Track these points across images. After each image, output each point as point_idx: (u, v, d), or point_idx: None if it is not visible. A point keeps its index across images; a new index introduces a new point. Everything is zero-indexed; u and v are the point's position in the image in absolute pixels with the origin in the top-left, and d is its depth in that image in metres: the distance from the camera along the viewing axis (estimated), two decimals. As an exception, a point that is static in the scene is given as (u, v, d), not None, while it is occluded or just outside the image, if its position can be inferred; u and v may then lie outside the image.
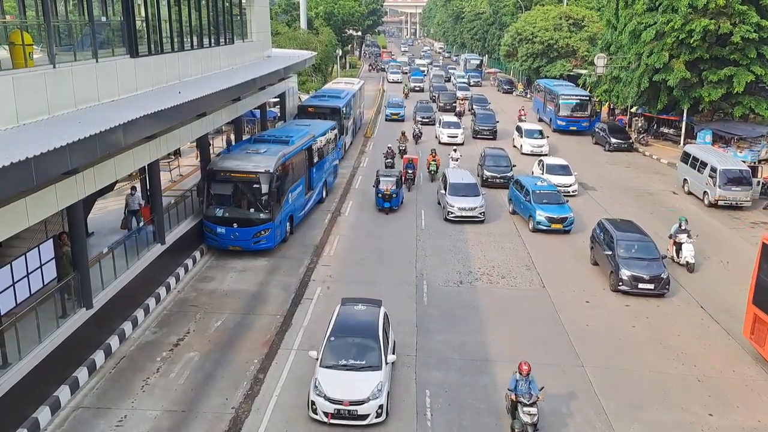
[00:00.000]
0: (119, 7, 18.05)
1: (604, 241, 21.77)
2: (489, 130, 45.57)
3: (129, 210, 20.61)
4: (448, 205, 26.88)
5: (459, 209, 26.69)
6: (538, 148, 40.48)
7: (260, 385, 15.19)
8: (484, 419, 14.09)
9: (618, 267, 20.33)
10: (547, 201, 26.52)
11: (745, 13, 35.33)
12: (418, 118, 49.20)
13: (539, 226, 25.82)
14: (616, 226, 22.17)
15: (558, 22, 63.42)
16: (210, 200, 22.41)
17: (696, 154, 31.69)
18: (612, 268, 20.69)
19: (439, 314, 18.84)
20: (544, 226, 25.75)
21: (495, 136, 45.12)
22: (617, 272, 20.36)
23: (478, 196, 27.32)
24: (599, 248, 22.02)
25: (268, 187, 22.05)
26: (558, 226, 25.80)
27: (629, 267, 20.22)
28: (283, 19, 73.86)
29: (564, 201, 27.04)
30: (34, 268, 13.97)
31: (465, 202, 26.88)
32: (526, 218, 26.81)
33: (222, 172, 22.28)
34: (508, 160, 33.65)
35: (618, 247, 20.87)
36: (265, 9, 33.19)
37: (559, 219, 25.84)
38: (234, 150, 24.57)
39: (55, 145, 11.67)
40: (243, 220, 22.12)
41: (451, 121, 44.68)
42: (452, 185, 27.58)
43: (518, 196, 27.87)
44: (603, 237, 22.05)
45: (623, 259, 20.46)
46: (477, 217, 26.72)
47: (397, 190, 27.78)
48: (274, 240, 22.80)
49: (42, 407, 13.51)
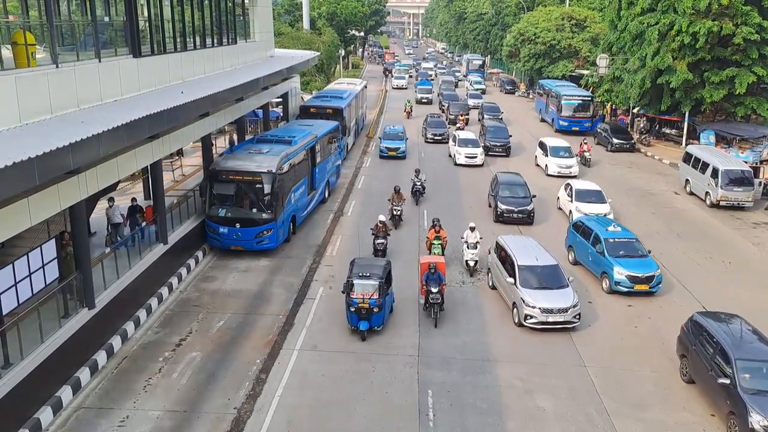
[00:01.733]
0: (122, 7, 18.08)
1: None
2: (501, 145, 39.95)
3: (111, 224, 19.50)
4: (525, 305, 17.94)
5: (543, 311, 17.76)
6: (566, 169, 34.62)
7: (262, 385, 15.19)
8: (487, 419, 14.09)
9: None
10: (625, 253, 20.80)
11: (748, 14, 35.30)
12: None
13: (619, 287, 20.16)
14: None
15: (560, 22, 63.39)
16: (212, 200, 22.34)
17: (698, 155, 31.65)
18: None
19: (441, 314, 18.80)
20: (625, 287, 20.12)
21: (508, 153, 39.90)
22: None
23: (567, 288, 18.62)
24: None
25: (270, 187, 21.98)
26: (643, 287, 20.13)
27: None
28: (286, 20, 73.97)
29: (646, 251, 21.31)
30: (37, 267, 13.99)
31: (551, 301, 17.96)
32: (598, 275, 21.17)
33: (224, 172, 22.20)
34: (527, 189, 27.66)
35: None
36: (267, 9, 33.20)
37: (645, 278, 20.14)
38: (237, 150, 24.46)
39: (58, 144, 11.69)
40: (245, 220, 22.05)
41: (469, 139, 38.44)
42: (525, 269, 18.83)
43: (583, 244, 22.19)
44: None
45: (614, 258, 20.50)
46: (571, 322, 18.10)
47: (381, 299, 17.25)
48: (277, 240, 22.72)
49: (44, 407, 13.51)
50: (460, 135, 39.08)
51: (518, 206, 26.68)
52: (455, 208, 28.76)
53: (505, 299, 19.42)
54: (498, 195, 27.30)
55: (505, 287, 19.29)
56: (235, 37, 27.73)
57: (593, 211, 25.60)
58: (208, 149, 24.44)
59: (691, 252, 24.23)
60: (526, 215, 26.65)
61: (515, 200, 26.98)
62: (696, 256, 23.80)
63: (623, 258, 20.62)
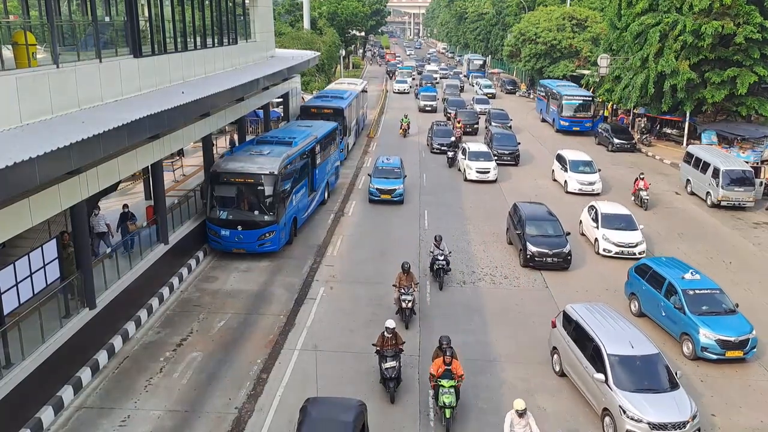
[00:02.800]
0: (122, 7, 18.10)
1: None
2: (510, 153, 37.48)
3: (96, 233, 18.48)
4: (626, 418, 13.06)
5: (653, 428, 12.91)
6: (588, 186, 31.40)
7: (263, 385, 15.20)
8: (488, 418, 14.08)
9: None
10: (709, 309, 16.88)
11: (749, 14, 35.28)
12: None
13: (706, 353, 16.31)
14: None
15: (561, 22, 63.38)
16: (213, 202, 22.18)
17: (699, 155, 31.64)
18: None
19: (442, 314, 18.82)
20: (714, 354, 16.25)
21: (517, 161, 37.58)
22: None
23: (678, 389, 13.70)
24: None
25: (272, 189, 21.83)
26: (736, 353, 16.25)
27: None
28: (287, 20, 74.08)
29: (733, 305, 17.30)
30: (38, 268, 14.00)
31: (662, 410, 13.10)
32: (676, 336, 17.31)
33: (226, 174, 22.03)
34: (559, 225, 23.12)
35: None
36: (268, 9, 33.20)
37: (738, 343, 16.20)
38: (237, 152, 24.28)
39: (59, 145, 11.70)
40: (247, 222, 21.88)
41: (481, 152, 34.80)
42: (619, 361, 13.88)
43: (652, 294, 18.24)
44: None
45: None
46: None
47: None
48: (279, 242, 22.59)
49: (45, 407, 13.52)
50: (471, 147, 35.20)
51: (552, 248, 22.11)
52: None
53: (588, 399, 14.47)
54: (525, 234, 22.59)
55: (588, 383, 14.28)
56: (236, 37, 27.74)
57: (622, 240, 22.99)
58: (208, 149, 24.43)
59: (692, 252, 24.22)
60: (561, 259, 22.14)
61: (547, 240, 22.42)
62: (697, 257, 23.78)
63: (709, 316, 16.63)
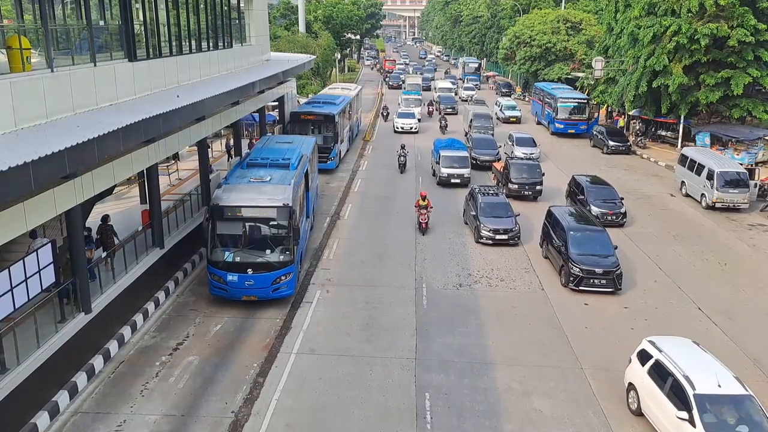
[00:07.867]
0: (117, 11, 18.07)
1: None
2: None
3: None
4: None
5: None
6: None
7: (260, 389, 15.16)
8: (484, 422, 14.08)
9: None
10: None
11: (743, 16, 35.44)
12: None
13: None
14: None
15: (556, 25, 63.63)
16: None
17: (693, 157, 31.75)
18: None
19: (439, 317, 18.84)
20: None
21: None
22: None
23: None
24: None
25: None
26: None
27: None
28: (282, 23, 74.12)
29: None
30: (33, 272, 13.94)
31: None
32: None
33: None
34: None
35: None
36: (263, 13, 33.22)
37: None
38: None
39: (53, 149, 11.66)
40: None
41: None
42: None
43: None
44: None
45: None
46: None
47: None
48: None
49: (41, 412, 13.47)
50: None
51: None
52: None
53: None
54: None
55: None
56: (231, 40, 27.73)
57: None
58: (204, 153, 24.40)
59: (687, 254, 24.30)
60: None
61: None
62: (692, 258, 23.86)
63: None
